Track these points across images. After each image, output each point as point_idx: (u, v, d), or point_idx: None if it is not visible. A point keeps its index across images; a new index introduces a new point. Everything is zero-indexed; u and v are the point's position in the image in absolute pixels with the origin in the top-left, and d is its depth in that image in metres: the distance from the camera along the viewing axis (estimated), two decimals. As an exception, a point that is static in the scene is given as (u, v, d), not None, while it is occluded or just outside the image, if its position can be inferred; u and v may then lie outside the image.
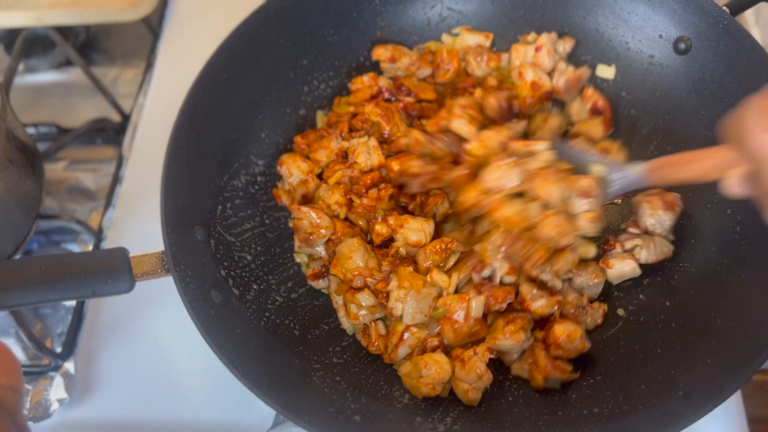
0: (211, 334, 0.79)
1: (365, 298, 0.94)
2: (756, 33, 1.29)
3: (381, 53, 1.13)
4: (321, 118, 1.14)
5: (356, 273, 0.95)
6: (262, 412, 0.96)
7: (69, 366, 1.05)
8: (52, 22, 1.32)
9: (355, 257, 0.95)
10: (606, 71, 1.09)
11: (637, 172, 0.86)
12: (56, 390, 1.03)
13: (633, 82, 1.06)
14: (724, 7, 0.95)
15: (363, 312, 0.94)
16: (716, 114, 0.95)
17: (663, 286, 0.95)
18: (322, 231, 0.98)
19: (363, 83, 1.11)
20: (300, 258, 1.04)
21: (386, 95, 1.10)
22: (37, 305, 1.07)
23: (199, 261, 0.88)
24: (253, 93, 1.05)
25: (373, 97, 1.10)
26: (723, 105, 0.95)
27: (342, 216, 1.02)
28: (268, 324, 0.93)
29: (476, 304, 0.92)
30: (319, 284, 1.01)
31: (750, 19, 1.31)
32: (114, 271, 0.80)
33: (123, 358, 1.05)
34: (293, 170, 1.05)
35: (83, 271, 0.79)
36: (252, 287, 0.96)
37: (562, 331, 0.91)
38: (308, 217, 0.99)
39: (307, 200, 1.05)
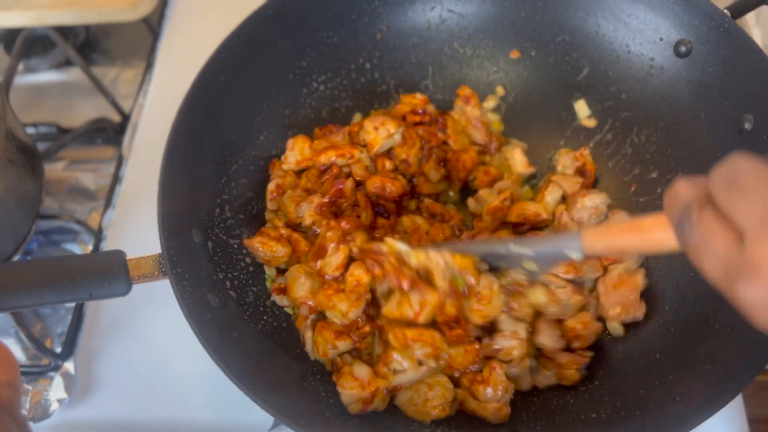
0: (207, 338, 0.78)
1: (344, 345, 0.89)
2: (756, 34, 1.27)
3: (467, 90, 1.12)
4: (357, 118, 1.13)
5: (301, 302, 0.91)
6: (262, 412, 0.94)
7: (69, 366, 1.04)
8: (52, 22, 1.30)
9: (297, 287, 0.91)
10: (583, 110, 1.09)
11: (570, 256, 0.77)
12: (56, 390, 1.02)
13: (633, 85, 1.05)
14: (725, 10, 0.93)
15: (333, 351, 0.89)
16: (717, 118, 0.94)
17: (661, 291, 0.93)
18: (281, 258, 0.95)
19: (415, 98, 1.09)
20: (268, 270, 0.99)
21: (426, 119, 1.07)
22: (34, 308, 1.06)
23: (196, 264, 0.87)
24: (251, 95, 1.04)
25: (414, 113, 1.07)
26: (724, 108, 0.93)
27: (308, 224, 0.97)
28: (265, 327, 0.92)
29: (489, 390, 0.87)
30: (283, 301, 0.97)
31: (750, 20, 1.29)
32: (111, 273, 0.79)
33: (123, 359, 1.04)
34: (296, 147, 1.03)
35: (80, 274, 0.78)
36: (250, 290, 0.95)
37: (574, 322, 0.89)
38: (260, 252, 0.96)
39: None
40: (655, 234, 0.60)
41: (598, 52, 1.07)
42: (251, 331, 0.88)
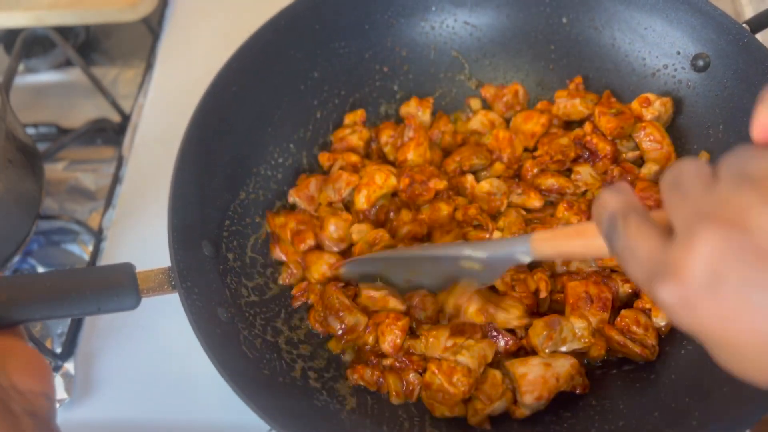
0: (217, 354, 0.73)
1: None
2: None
3: (491, 90, 1.08)
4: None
5: None
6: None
7: (69, 366, 1.00)
8: (52, 22, 1.26)
9: None
10: None
11: (520, 259, 0.74)
12: (56, 390, 0.96)
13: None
14: (745, 25, 0.89)
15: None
16: (733, 132, 0.90)
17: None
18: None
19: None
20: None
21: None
22: (43, 321, 1.01)
23: (206, 277, 0.82)
24: (263, 106, 0.99)
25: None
26: (741, 124, 0.89)
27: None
28: (275, 342, 0.87)
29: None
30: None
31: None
32: (120, 287, 0.74)
33: (123, 359, 1.00)
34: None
35: (89, 288, 0.72)
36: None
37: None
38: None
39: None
40: (596, 240, 0.58)
41: (614, 63, 1.03)
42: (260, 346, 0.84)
